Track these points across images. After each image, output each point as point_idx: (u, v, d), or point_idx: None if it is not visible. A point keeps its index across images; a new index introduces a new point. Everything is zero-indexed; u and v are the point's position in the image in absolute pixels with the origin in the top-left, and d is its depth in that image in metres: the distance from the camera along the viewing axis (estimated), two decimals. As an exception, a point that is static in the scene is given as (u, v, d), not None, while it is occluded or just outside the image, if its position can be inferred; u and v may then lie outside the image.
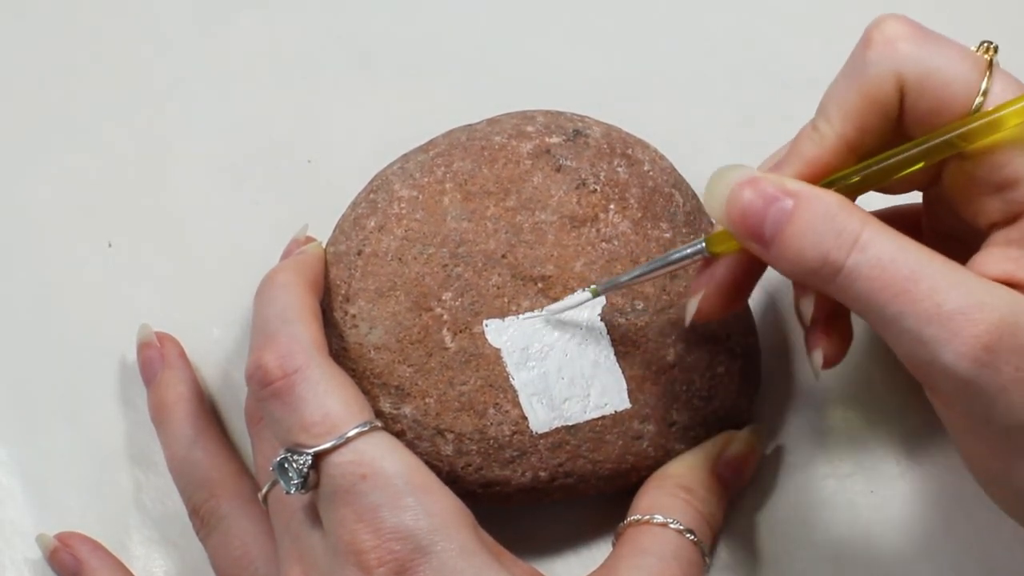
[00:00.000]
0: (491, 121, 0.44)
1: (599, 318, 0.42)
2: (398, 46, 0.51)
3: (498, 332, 0.41)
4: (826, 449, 0.46)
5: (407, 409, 0.41)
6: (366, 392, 0.40)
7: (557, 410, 0.41)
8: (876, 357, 0.46)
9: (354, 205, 0.44)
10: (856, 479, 0.45)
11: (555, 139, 0.44)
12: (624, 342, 0.42)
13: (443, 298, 0.42)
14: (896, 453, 0.45)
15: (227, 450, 0.44)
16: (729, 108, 0.50)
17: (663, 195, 0.44)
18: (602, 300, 0.42)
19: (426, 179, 0.43)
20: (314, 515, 0.38)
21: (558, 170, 0.43)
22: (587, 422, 0.42)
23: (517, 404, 0.41)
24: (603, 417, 0.42)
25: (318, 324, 0.39)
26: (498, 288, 0.42)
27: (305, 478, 0.37)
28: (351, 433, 0.37)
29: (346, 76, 0.51)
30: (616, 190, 0.43)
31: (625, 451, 0.42)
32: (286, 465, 0.37)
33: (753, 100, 0.50)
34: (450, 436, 0.41)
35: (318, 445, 0.36)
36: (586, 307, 0.42)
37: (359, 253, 0.42)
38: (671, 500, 0.41)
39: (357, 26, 0.51)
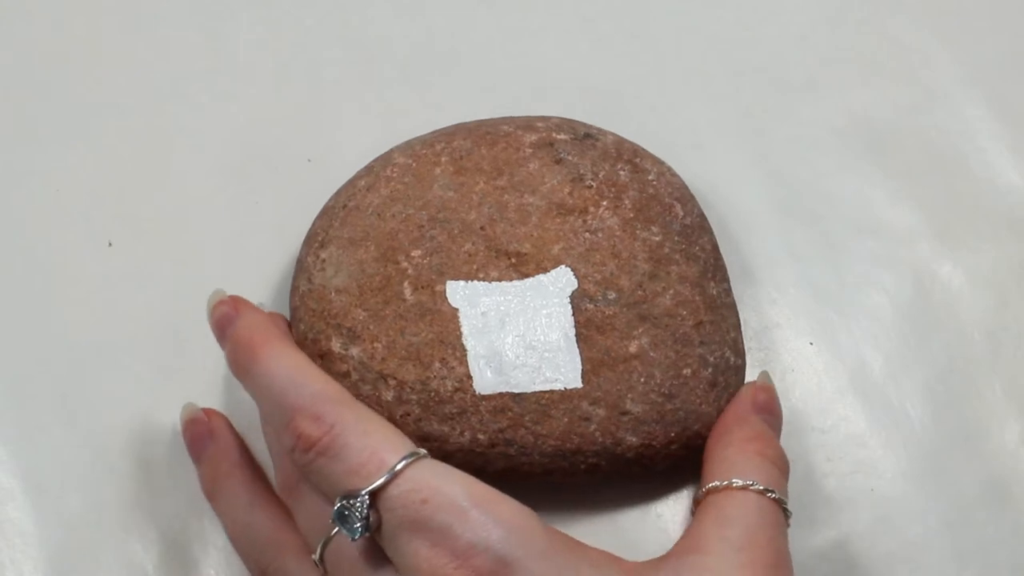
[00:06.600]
0: (504, 119, 0.45)
1: (567, 299, 0.42)
2: (399, 46, 0.51)
3: (460, 294, 0.42)
4: (826, 449, 0.46)
5: (355, 351, 0.41)
6: (320, 332, 0.41)
7: (504, 375, 0.41)
8: (876, 356, 0.47)
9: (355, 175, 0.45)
10: (856, 478, 0.45)
11: (562, 136, 0.44)
12: (588, 326, 0.42)
13: (412, 254, 0.42)
14: (896, 452, 0.45)
15: (284, 511, 0.43)
16: (734, 112, 0.50)
17: (662, 204, 0.44)
18: (574, 283, 0.42)
19: (424, 151, 0.44)
20: (377, 558, 0.37)
21: (557, 162, 0.43)
22: (534, 393, 0.41)
23: (464, 363, 0.41)
24: (551, 392, 0.41)
25: (323, 372, 0.40)
26: (469, 255, 0.42)
27: (367, 519, 0.36)
28: (400, 466, 0.36)
29: (346, 76, 0.51)
30: (613, 189, 0.43)
31: (570, 430, 0.41)
32: (346, 512, 0.36)
33: (753, 100, 0.50)
34: (392, 383, 0.41)
35: (371, 484, 0.36)
36: (556, 286, 0.42)
37: (344, 207, 0.43)
38: (743, 457, 0.40)
39: (358, 26, 0.51)
